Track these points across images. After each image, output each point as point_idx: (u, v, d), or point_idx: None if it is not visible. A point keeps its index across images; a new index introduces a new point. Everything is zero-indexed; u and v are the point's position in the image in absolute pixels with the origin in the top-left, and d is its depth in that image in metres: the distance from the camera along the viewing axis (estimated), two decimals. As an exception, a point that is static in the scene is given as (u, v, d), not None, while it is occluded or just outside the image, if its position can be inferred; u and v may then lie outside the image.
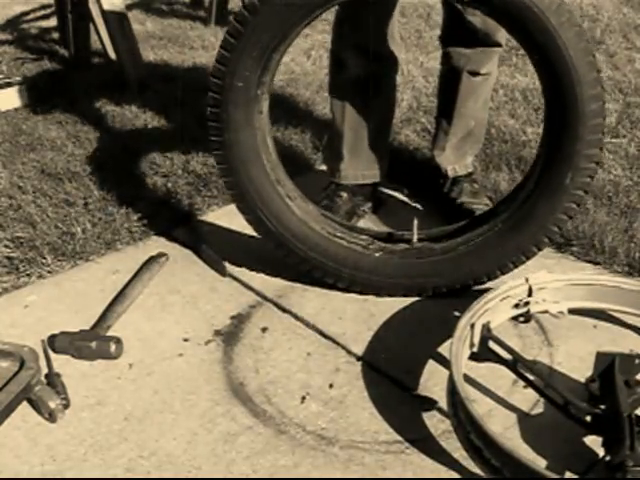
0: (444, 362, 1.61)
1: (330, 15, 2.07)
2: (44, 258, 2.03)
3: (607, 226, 2.06)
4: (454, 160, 2.22)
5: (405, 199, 2.31)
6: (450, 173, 2.23)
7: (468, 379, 1.54)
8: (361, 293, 1.85)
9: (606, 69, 3.33)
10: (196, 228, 2.18)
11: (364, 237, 1.87)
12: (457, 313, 1.70)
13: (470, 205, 2.15)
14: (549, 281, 1.70)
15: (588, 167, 1.63)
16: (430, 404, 1.52)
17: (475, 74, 2.09)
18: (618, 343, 1.67)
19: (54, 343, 1.68)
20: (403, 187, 2.35)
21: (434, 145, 2.28)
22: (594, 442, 1.38)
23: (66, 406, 1.52)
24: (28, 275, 1.98)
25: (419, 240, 1.85)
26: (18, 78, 3.21)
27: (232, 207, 2.31)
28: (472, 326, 1.55)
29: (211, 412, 1.53)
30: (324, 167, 2.38)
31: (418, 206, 2.27)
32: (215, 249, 2.06)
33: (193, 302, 1.87)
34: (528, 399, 1.52)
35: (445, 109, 2.21)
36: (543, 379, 1.48)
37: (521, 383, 1.53)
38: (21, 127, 2.89)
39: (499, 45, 2.06)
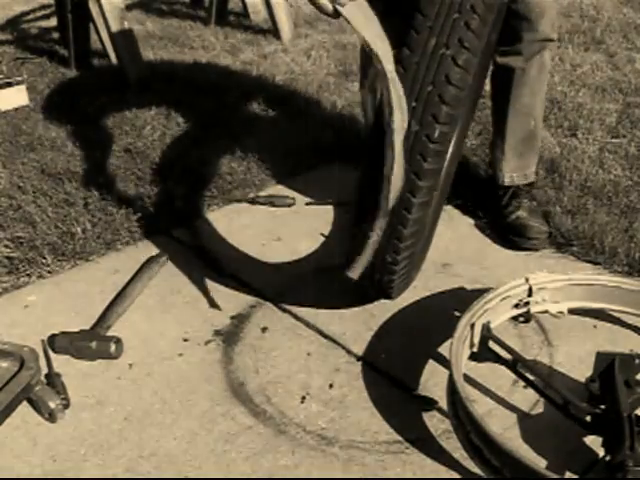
0: (444, 362, 1.61)
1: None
2: (44, 258, 2.03)
3: (607, 226, 2.06)
4: (515, 167, 2.12)
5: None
6: (507, 181, 2.13)
7: (468, 379, 1.55)
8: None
9: (606, 69, 3.33)
10: (196, 228, 2.18)
11: None
12: (457, 313, 1.70)
13: (526, 221, 2.06)
14: (549, 281, 1.70)
15: None
16: (430, 404, 1.52)
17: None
18: (618, 343, 1.67)
19: (54, 343, 1.68)
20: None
21: (492, 150, 2.19)
22: (594, 442, 1.39)
23: (66, 406, 1.52)
24: (28, 275, 1.98)
25: None
26: (18, 78, 3.20)
27: (232, 207, 2.33)
28: (472, 326, 1.55)
29: (211, 412, 1.53)
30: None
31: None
32: (215, 249, 2.06)
33: (193, 302, 1.87)
34: (528, 399, 1.52)
35: (499, 107, 2.13)
36: (543, 379, 1.47)
37: (521, 383, 1.53)
38: (21, 127, 2.88)
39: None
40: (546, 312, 1.72)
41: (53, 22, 4.11)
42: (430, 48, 1.38)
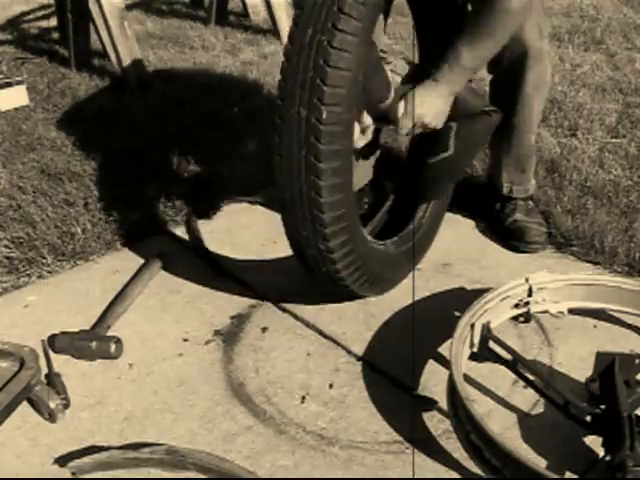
0: (444, 362, 1.61)
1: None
2: (44, 258, 2.03)
3: (607, 226, 2.06)
4: (516, 180, 2.12)
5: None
6: (505, 191, 2.13)
7: (468, 379, 1.55)
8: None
9: (606, 69, 3.33)
10: (196, 228, 2.18)
11: None
12: (457, 313, 1.70)
13: (524, 224, 2.06)
14: (549, 281, 1.70)
15: None
16: (430, 404, 1.52)
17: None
18: (618, 343, 1.67)
19: (54, 343, 1.68)
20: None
21: (492, 158, 2.19)
22: (594, 442, 1.38)
23: (66, 406, 1.52)
24: (28, 275, 1.98)
25: None
26: (18, 78, 3.21)
27: (232, 207, 2.33)
28: (472, 326, 1.55)
29: (211, 412, 1.53)
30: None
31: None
32: (215, 249, 2.06)
33: (193, 302, 1.87)
34: (528, 399, 1.52)
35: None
36: (543, 379, 1.47)
37: (521, 383, 1.52)
38: (21, 127, 2.89)
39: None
40: (546, 312, 1.72)
41: (53, 22, 4.11)
42: (308, 38, 1.45)
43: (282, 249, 2.07)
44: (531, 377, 1.48)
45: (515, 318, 1.72)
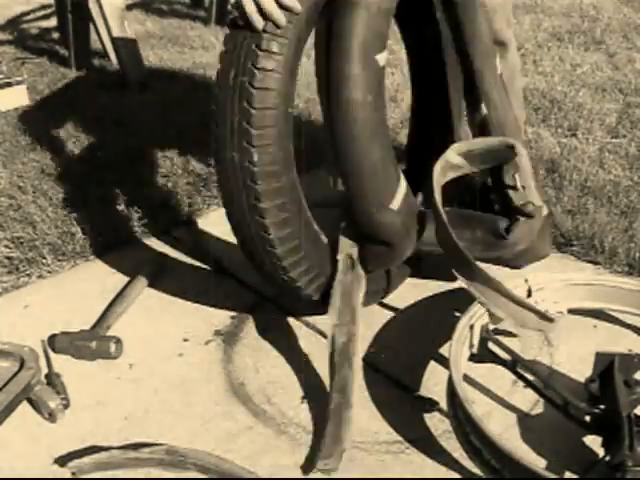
0: (445, 362, 1.61)
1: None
2: (44, 258, 2.03)
3: (607, 226, 2.06)
4: None
5: None
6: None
7: (468, 379, 1.54)
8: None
9: (606, 69, 3.33)
10: (196, 228, 2.18)
11: None
12: (457, 314, 1.70)
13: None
14: (549, 281, 1.70)
15: None
16: (431, 405, 1.52)
17: None
18: (618, 343, 1.67)
19: (54, 343, 1.68)
20: None
21: None
22: (594, 442, 1.38)
23: (66, 406, 1.52)
24: (28, 275, 1.98)
25: None
26: (18, 78, 3.21)
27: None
28: (471, 327, 1.55)
29: (211, 412, 1.53)
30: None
31: None
32: (215, 249, 2.06)
33: (193, 302, 1.87)
34: (528, 399, 1.52)
35: None
36: (543, 379, 1.47)
37: (521, 383, 1.52)
38: (21, 127, 2.89)
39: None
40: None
41: (53, 22, 4.12)
42: (231, 80, 1.40)
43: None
44: (531, 377, 1.48)
45: (515, 318, 1.72)
